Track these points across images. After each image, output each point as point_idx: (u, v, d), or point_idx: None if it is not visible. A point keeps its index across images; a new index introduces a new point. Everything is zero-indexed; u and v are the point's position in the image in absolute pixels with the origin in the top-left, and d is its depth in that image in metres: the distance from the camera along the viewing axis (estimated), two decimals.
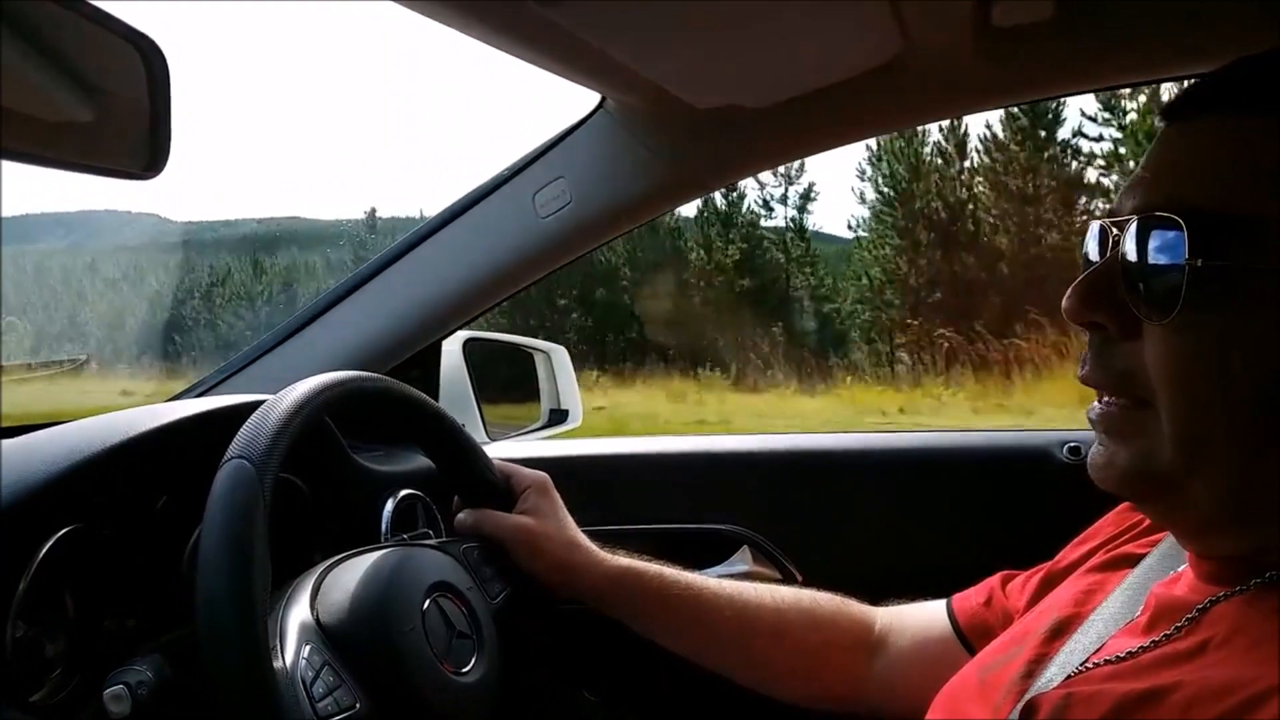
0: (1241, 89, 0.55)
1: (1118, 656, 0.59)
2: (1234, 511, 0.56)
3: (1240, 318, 0.52)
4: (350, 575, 0.81)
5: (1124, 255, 0.57)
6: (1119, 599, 0.67)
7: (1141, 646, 0.58)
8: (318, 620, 0.76)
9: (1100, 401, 0.61)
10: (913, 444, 1.50)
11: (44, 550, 0.73)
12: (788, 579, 1.39)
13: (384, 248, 1.36)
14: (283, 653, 0.70)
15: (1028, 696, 0.61)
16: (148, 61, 0.60)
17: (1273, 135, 0.52)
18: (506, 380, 1.69)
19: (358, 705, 0.71)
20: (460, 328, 1.41)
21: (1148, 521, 0.73)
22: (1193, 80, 0.59)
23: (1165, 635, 0.58)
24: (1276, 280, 0.51)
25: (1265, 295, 0.52)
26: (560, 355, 1.74)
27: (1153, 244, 0.55)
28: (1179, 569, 0.64)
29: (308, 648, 0.72)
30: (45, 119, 0.57)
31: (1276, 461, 0.53)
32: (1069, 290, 0.60)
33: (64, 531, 0.75)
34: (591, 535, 1.02)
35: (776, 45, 1.00)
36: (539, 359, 1.71)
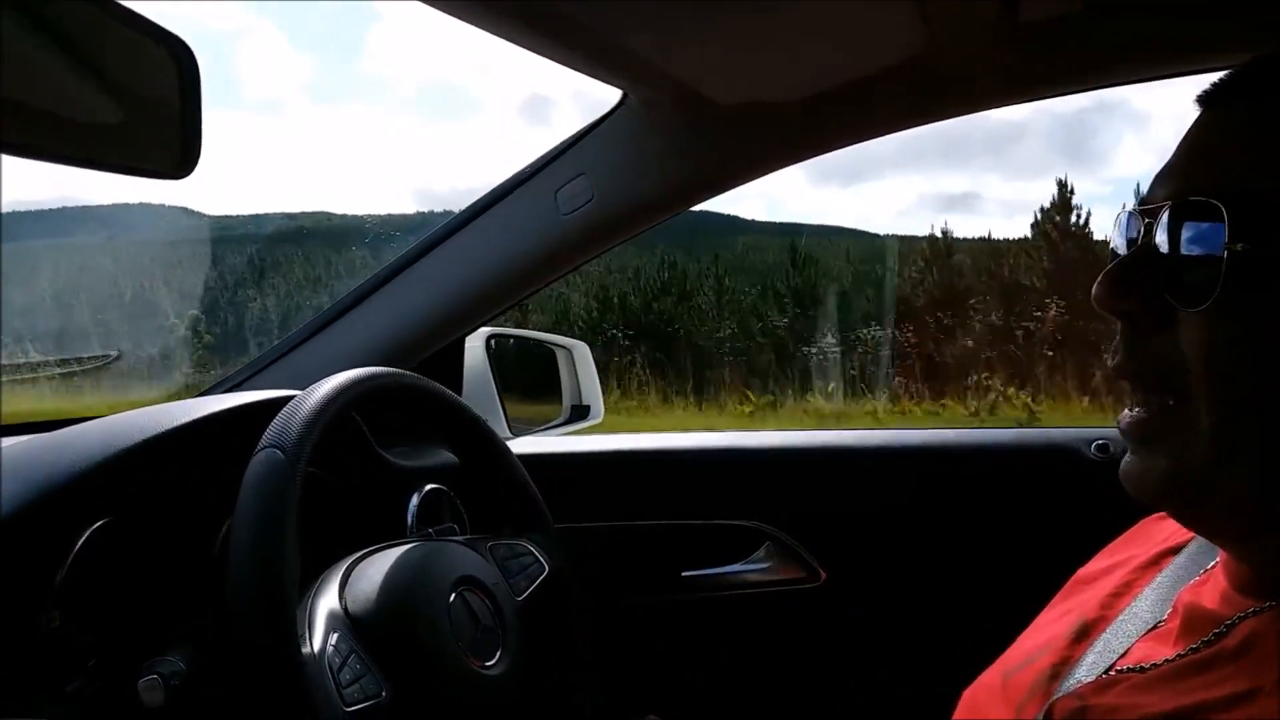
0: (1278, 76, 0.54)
1: (1141, 666, 0.58)
2: (1271, 510, 0.54)
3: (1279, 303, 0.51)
4: (378, 567, 0.82)
5: (1158, 242, 0.56)
6: (1146, 601, 0.66)
7: (1167, 659, 0.57)
8: (345, 610, 0.77)
9: (1130, 409, 0.59)
10: (937, 441, 1.49)
11: (79, 543, 0.74)
12: (810, 576, 1.39)
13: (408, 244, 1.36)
14: (311, 640, 0.71)
15: (1052, 700, 0.61)
16: (178, 62, 0.61)
17: None
18: (529, 376, 1.69)
19: (383, 694, 0.72)
20: (483, 324, 1.41)
21: (1176, 535, 0.72)
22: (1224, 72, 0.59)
23: (1191, 649, 0.57)
24: None
25: None
26: (582, 351, 1.74)
27: (1188, 230, 0.54)
28: (1209, 565, 0.63)
29: (335, 636, 0.73)
30: (76, 119, 0.58)
31: None
32: (1099, 279, 0.58)
33: (98, 525, 0.76)
34: (612, 531, 1.02)
35: (799, 40, 1.00)
36: (561, 355, 1.71)
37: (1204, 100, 0.58)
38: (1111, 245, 0.61)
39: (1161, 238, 0.55)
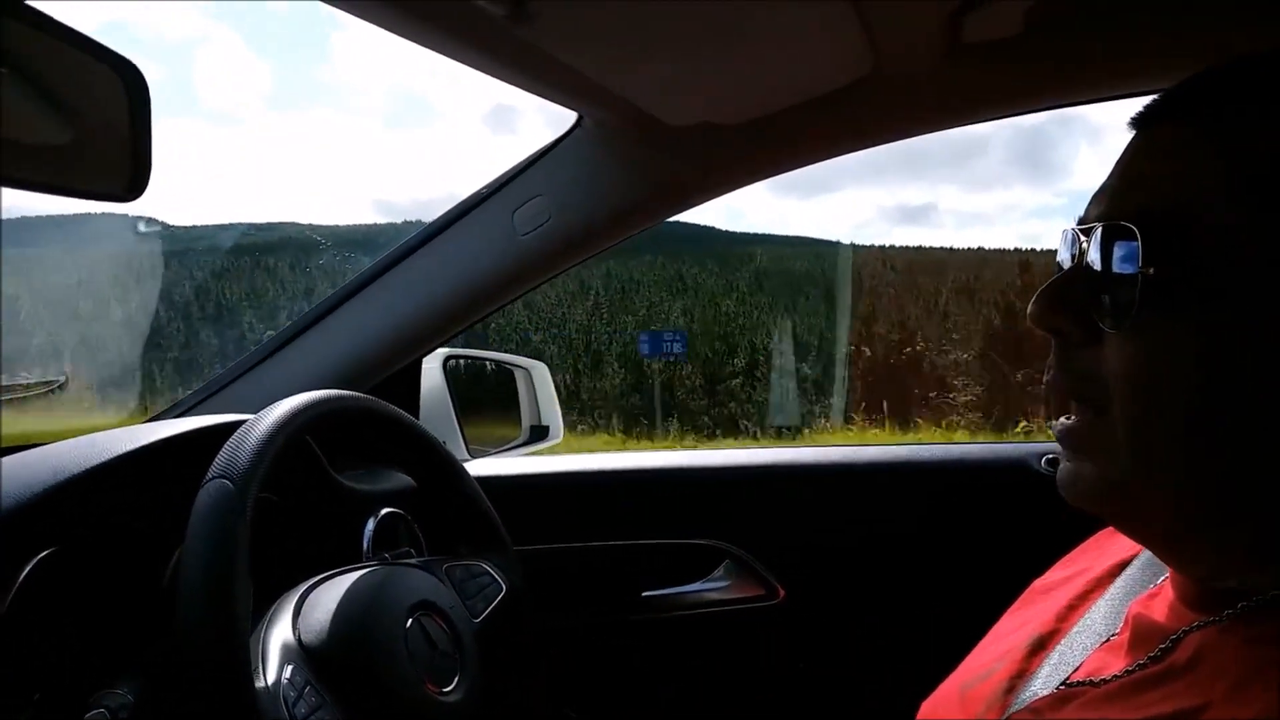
0: (1201, 99, 0.56)
1: (1093, 680, 0.59)
2: (1193, 520, 0.55)
3: (1193, 323, 0.53)
4: (332, 595, 0.81)
5: (1090, 262, 0.57)
6: (1100, 613, 0.67)
7: (1116, 675, 0.58)
8: (299, 640, 0.75)
9: (1063, 417, 0.61)
10: (891, 457, 1.51)
11: (23, 574, 0.72)
12: (770, 594, 1.40)
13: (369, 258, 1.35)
14: (265, 673, 0.70)
15: (1008, 713, 0.62)
16: (128, 85, 0.60)
17: (1226, 144, 0.53)
18: (487, 397, 1.69)
19: None
20: (440, 344, 1.41)
21: (1131, 547, 0.73)
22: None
23: (1139, 664, 0.57)
24: (1227, 287, 0.52)
25: (1216, 301, 0.52)
26: (541, 371, 1.74)
27: (1111, 251, 0.56)
28: (1160, 580, 0.64)
29: (289, 668, 0.72)
30: (24, 142, 0.57)
31: (1231, 467, 0.53)
32: (1035, 296, 0.60)
33: (42, 555, 0.75)
34: (572, 552, 1.01)
35: (748, 63, 1.02)
36: (519, 375, 1.71)
37: (1136, 122, 0.60)
38: (1057, 261, 0.63)
39: (1093, 257, 0.57)
